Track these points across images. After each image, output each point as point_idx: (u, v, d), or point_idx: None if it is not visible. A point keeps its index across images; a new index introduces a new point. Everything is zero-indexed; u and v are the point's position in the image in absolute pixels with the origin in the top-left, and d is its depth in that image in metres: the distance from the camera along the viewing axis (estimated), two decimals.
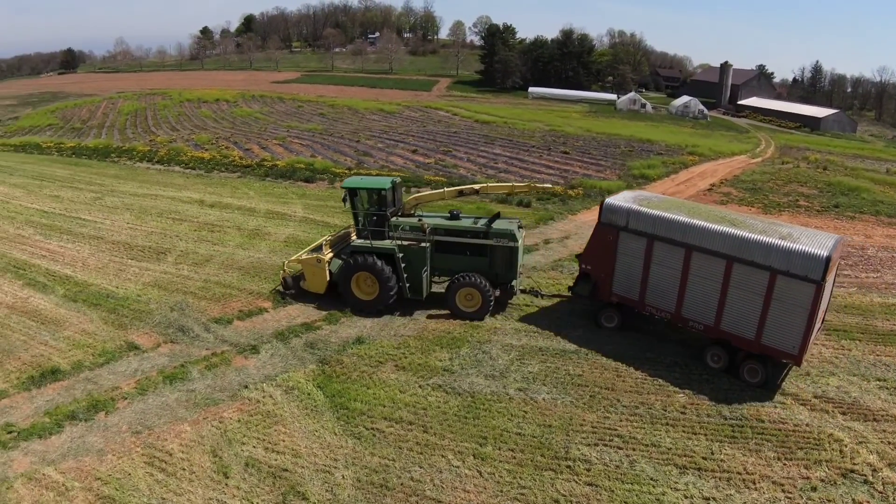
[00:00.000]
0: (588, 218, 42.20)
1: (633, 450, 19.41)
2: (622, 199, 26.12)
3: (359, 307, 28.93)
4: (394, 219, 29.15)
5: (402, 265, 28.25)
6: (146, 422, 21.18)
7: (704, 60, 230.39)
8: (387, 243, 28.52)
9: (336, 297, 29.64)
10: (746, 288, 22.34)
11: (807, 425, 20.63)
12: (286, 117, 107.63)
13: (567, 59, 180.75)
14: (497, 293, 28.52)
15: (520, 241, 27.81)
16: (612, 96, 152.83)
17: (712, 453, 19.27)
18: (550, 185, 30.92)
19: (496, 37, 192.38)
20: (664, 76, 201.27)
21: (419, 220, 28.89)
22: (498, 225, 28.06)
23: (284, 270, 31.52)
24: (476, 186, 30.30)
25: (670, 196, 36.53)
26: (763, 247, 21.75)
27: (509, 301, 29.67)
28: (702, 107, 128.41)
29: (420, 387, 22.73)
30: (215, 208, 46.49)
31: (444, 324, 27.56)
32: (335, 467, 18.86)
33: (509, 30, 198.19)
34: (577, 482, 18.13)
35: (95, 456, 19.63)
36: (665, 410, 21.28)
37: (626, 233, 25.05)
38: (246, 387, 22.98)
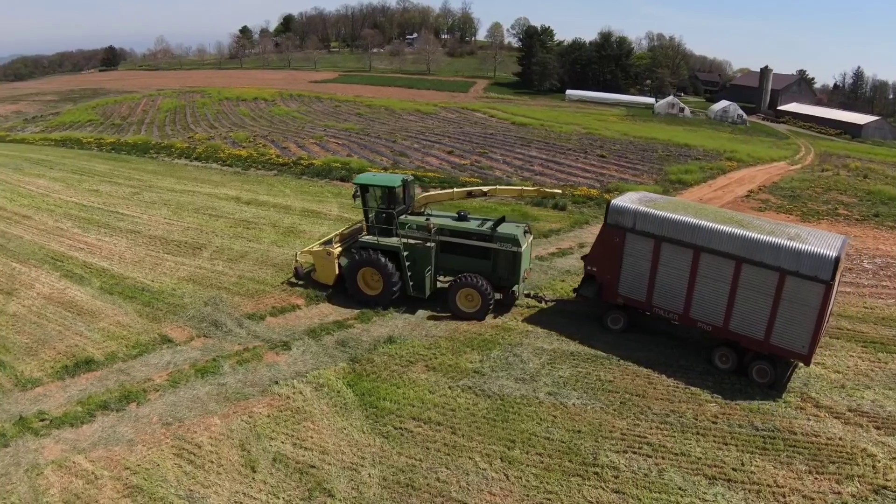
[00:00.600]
0: None
1: (663, 458, 19.14)
2: (628, 200, 26.01)
3: (364, 301, 29.32)
4: (402, 217, 29.44)
5: (407, 263, 28.54)
6: (177, 414, 21.42)
7: (744, 65, 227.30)
8: (393, 241, 28.82)
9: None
10: (755, 288, 22.37)
11: (840, 439, 20.18)
12: (323, 116, 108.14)
13: (605, 62, 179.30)
14: (500, 296, 28.63)
15: (524, 247, 27.71)
16: (651, 100, 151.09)
17: (742, 464, 18.92)
18: (560, 191, 30.71)
19: (534, 39, 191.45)
20: (703, 80, 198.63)
21: (426, 219, 29.10)
22: (503, 229, 27.98)
23: (297, 260, 32.59)
24: (485, 188, 30.32)
25: (704, 201, 35.97)
26: (773, 247, 21.78)
27: (513, 305, 29.51)
28: (741, 112, 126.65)
29: (450, 388, 22.64)
30: (251, 205, 46.77)
31: (475, 325, 27.42)
32: (362, 465, 18.86)
33: (547, 32, 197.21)
34: (604, 489, 17.92)
35: (125, 446, 19.89)
36: (696, 419, 20.94)
37: (633, 234, 24.99)
38: (276, 382, 23.10)
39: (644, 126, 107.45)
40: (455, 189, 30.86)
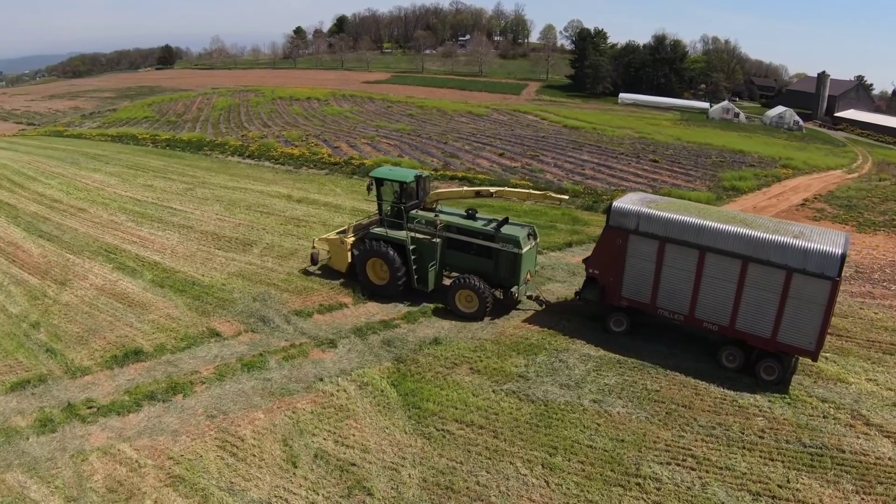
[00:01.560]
0: None
1: (707, 472, 18.57)
2: (630, 201, 25.72)
3: (371, 290, 30.21)
4: (413, 212, 29.93)
5: (413, 257, 28.98)
6: (222, 407, 21.58)
7: (801, 70, 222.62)
8: (401, 234, 29.34)
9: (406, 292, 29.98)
10: (762, 287, 22.38)
11: (889, 459, 19.34)
12: (375, 117, 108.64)
13: (659, 66, 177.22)
14: (501, 296, 28.60)
15: (525, 249, 27.52)
16: (705, 104, 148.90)
17: (788, 481, 18.24)
18: (566, 197, 30.52)
19: (587, 41, 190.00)
20: (759, 85, 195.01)
21: (436, 215, 29.48)
22: (507, 230, 27.86)
23: (314, 247, 33.42)
24: (492, 189, 30.33)
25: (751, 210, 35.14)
26: (779, 246, 21.84)
27: (515, 306, 29.33)
28: (797, 118, 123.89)
29: (493, 391, 22.34)
30: (302, 203, 47.00)
31: (522, 329, 27.07)
32: (402, 465, 18.73)
33: (601, 34, 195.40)
34: (645, 501, 17.49)
35: (170, 436, 20.10)
36: (743, 433, 20.28)
37: (637, 236, 24.76)
38: (321, 379, 23.11)
39: (698, 131, 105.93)
40: (465, 188, 31.16)
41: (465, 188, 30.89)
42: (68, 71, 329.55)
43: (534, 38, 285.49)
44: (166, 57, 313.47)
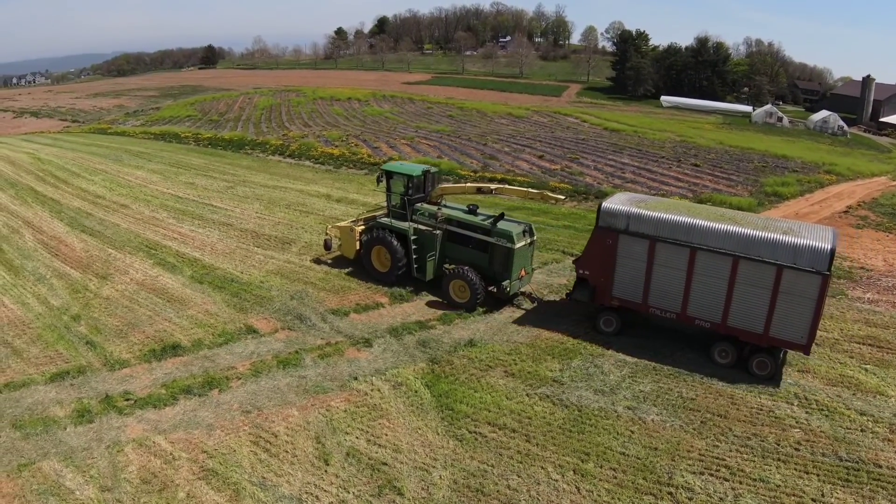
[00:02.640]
0: None
1: (740, 483, 18.17)
2: (619, 201, 25.93)
3: (375, 276, 31.92)
4: (419, 204, 31.48)
5: (414, 247, 30.43)
6: (256, 402, 21.73)
7: (845, 73, 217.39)
8: (404, 225, 30.82)
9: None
10: (753, 283, 22.78)
11: None
12: (415, 118, 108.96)
13: (701, 68, 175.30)
14: (494, 290, 29.18)
15: (519, 245, 28.12)
16: (748, 108, 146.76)
17: (822, 495, 17.74)
18: (563, 197, 31.19)
19: (628, 43, 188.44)
20: (802, 88, 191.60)
21: (439, 208, 30.73)
22: (502, 225, 28.69)
23: (327, 234, 35.07)
24: (492, 186, 31.34)
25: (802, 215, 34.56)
26: (769, 243, 22.30)
27: (509, 302, 29.87)
28: (841, 122, 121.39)
29: (527, 395, 22.18)
30: (342, 203, 47.20)
31: (557, 333, 26.81)
32: (434, 467, 18.66)
33: (642, 36, 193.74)
34: None
35: (205, 430, 20.28)
36: (778, 445, 19.83)
37: (627, 235, 24.96)
38: (356, 378, 23.15)
39: (740, 135, 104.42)
40: (468, 184, 32.23)
41: (469, 184, 32.06)
42: (113, 70, 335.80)
43: (575, 39, 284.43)
44: (209, 57, 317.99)
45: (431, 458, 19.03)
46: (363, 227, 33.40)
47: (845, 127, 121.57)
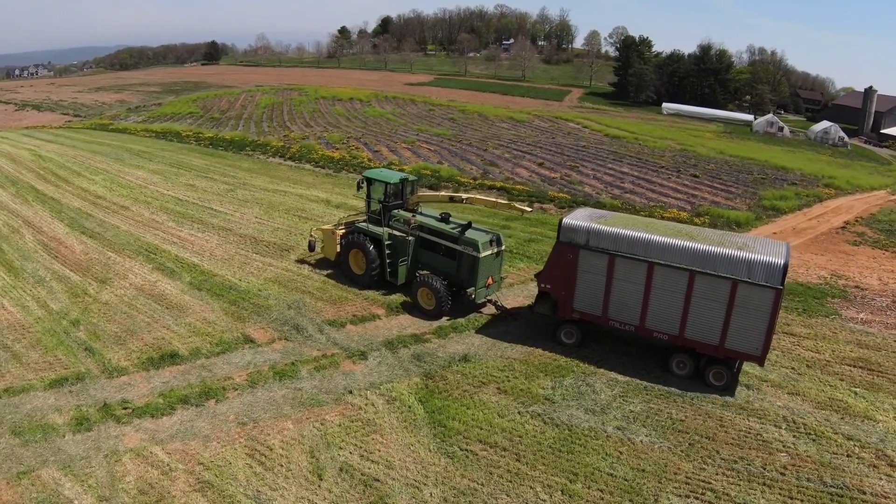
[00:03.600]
0: None
1: None
2: (579, 217, 26.60)
3: (351, 278, 33.22)
4: (395, 211, 32.62)
5: (388, 252, 31.73)
6: (252, 414, 21.98)
7: (848, 84, 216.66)
8: (378, 230, 32.12)
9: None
10: (710, 297, 23.45)
11: None
12: (417, 119, 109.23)
13: (703, 76, 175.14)
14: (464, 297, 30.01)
15: (484, 254, 28.89)
16: (749, 117, 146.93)
17: None
18: (529, 209, 32.42)
19: (631, 49, 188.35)
20: (804, 98, 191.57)
21: (413, 216, 31.92)
22: (470, 234, 29.63)
23: (311, 235, 36.32)
24: (464, 196, 32.24)
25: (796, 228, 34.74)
26: (725, 258, 22.94)
27: (475, 308, 30.70)
28: (842, 134, 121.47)
29: (519, 413, 22.38)
30: (341, 208, 47.20)
31: (551, 349, 26.98)
32: (425, 484, 18.88)
33: (645, 42, 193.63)
34: None
35: (201, 441, 20.55)
36: (764, 469, 19.99)
37: (587, 251, 25.57)
38: (350, 392, 23.39)
39: (741, 144, 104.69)
40: (441, 192, 33.63)
41: (443, 193, 33.12)
42: (115, 63, 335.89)
43: (578, 43, 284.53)
44: (212, 53, 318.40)
45: (423, 475, 19.22)
46: (344, 230, 34.52)
47: (846, 138, 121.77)
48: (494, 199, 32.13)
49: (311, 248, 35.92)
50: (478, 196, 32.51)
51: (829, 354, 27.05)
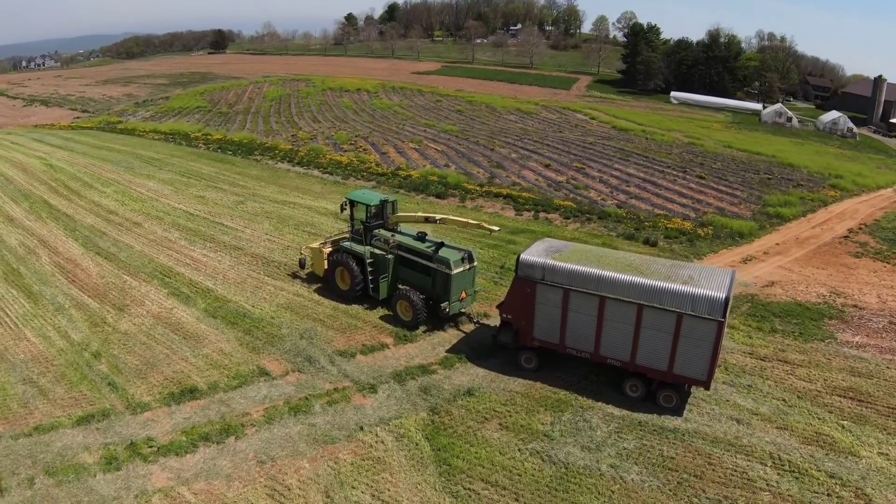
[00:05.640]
0: (715, 264, 41.17)
1: None
2: (536, 253, 27.95)
3: (337, 293, 35.53)
4: (377, 230, 34.87)
5: (370, 269, 33.96)
6: (270, 452, 23.01)
7: (859, 70, 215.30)
8: (360, 248, 34.42)
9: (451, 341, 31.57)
10: (657, 328, 25.03)
11: None
12: (424, 112, 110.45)
13: (712, 64, 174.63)
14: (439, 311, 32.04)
15: (456, 271, 31.19)
16: (758, 106, 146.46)
17: None
18: (497, 228, 33.23)
19: (639, 37, 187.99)
20: (814, 85, 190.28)
21: (392, 235, 34.30)
22: (443, 252, 31.88)
23: (301, 253, 38.47)
24: (437, 217, 33.45)
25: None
26: (670, 293, 24.50)
27: (448, 321, 32.75)
28: (851, 124, 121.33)
29: (519, 450, 23.28)
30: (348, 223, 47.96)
31: (551, 381, 27.82)
32: None
33: (653, 30, 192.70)
34: None
35: (224, 480, 21.62)
36: None
37: (543, 285, 27.18)
38: (361, 428, 24.38)
39: (749, 136, 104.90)
40: (419, 213, 35.63)
41: (419, 214, 34.95)
42: (122, 52, 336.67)
43: (586, 28, 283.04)
44: (218, 41, 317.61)
45: None
46: (330, 248, 36.89)
47: (854, 129, 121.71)
48: (465, 220, 33.87)
49: (302, 265, 38.19)
50: (450, 217, 34.33)
51: (820, 384, 27.64)
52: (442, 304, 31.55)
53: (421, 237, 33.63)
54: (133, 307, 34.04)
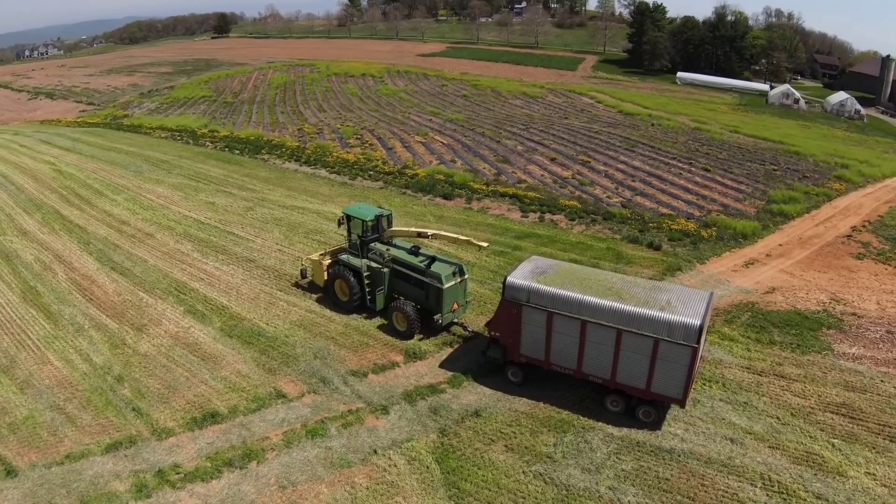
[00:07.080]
0: (717, 269, 42.48)
1: None
2: (522, 276, 29.35)
3: (336, 304, 37.20)
4: (373, 244, 36.51)
5: (367, 281, 35.53)
6: (290, 477, 24.27)
7: (867, 47, 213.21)
8: (357, 261, 36.15)
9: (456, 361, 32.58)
10: (635, 350, 26.50)
11: None
12: (430, 98, 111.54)
13: (718, 43, 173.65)
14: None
15: (448, 285, 32.88)
16: (765, 87, 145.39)
17: None
18: (485, 244, 34.57)
19: (645, 16, 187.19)
20: (822, 63, 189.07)
21: (387, 249, 35.93)
22: (436, 267, 33.59)
23: (303, 264, 40.41)
24: (429, 233, 34.69)
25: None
26: (646, 319, 25.93)
27: (442, 331, 34.61)
28: (858, 106, 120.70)
29: (523, 472, 24.27)
30: None
31: (554, 400, 28.78)
32: None
33: (659, 8, 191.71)
34: None
35: None
36: None
37: (529, 307, 28.72)
38: (375, 451, 25.55)
39: (755, 119, 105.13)
40: (412, 228, 37.01)
41: (413, 229, 36.43)
42: (125, 37, 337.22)
43: (591, 5, 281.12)
44: (221, 25, 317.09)
45: None
46: (329, 259, 38.56)
47: (862, 111, 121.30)
48: (455, 236, 35.01)
49: (304, 275, 40.08)
50: (441, 232, 35.50)
51: (814, 400, 28.31)
52: (435, 316, 33.42)
53: (415, 251, 35.31)
54: (151, 327, 35.18)
